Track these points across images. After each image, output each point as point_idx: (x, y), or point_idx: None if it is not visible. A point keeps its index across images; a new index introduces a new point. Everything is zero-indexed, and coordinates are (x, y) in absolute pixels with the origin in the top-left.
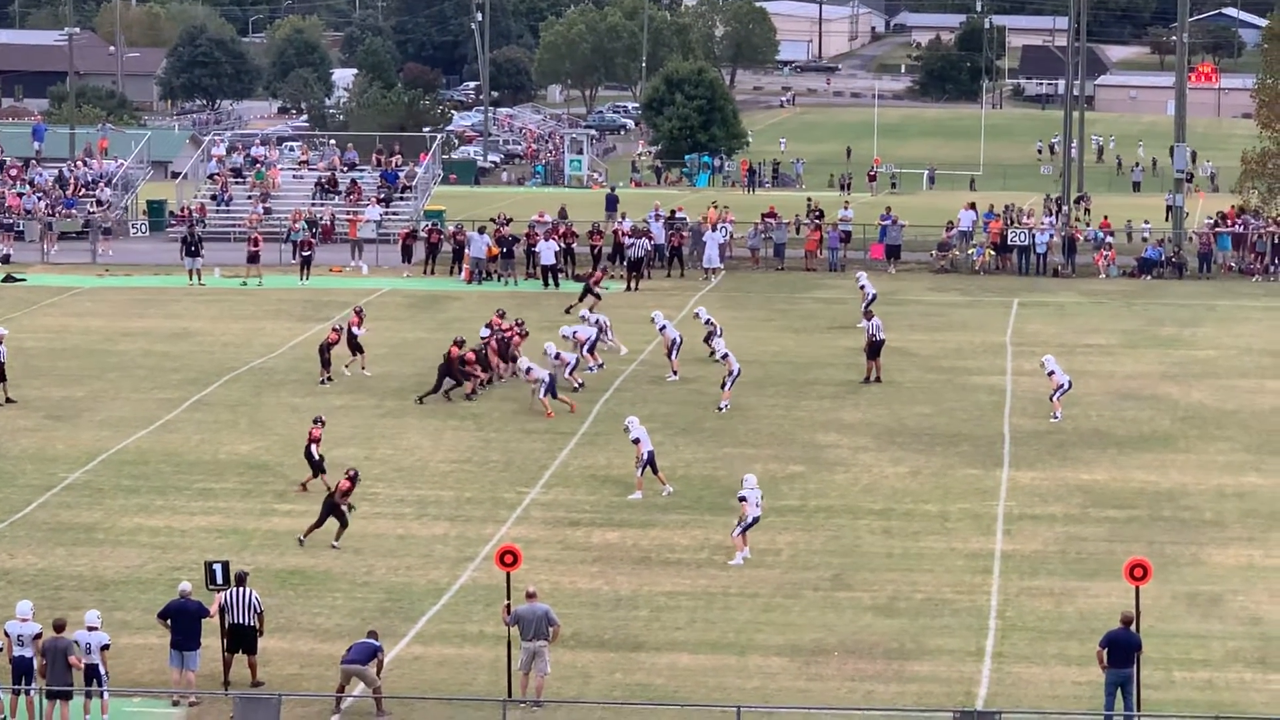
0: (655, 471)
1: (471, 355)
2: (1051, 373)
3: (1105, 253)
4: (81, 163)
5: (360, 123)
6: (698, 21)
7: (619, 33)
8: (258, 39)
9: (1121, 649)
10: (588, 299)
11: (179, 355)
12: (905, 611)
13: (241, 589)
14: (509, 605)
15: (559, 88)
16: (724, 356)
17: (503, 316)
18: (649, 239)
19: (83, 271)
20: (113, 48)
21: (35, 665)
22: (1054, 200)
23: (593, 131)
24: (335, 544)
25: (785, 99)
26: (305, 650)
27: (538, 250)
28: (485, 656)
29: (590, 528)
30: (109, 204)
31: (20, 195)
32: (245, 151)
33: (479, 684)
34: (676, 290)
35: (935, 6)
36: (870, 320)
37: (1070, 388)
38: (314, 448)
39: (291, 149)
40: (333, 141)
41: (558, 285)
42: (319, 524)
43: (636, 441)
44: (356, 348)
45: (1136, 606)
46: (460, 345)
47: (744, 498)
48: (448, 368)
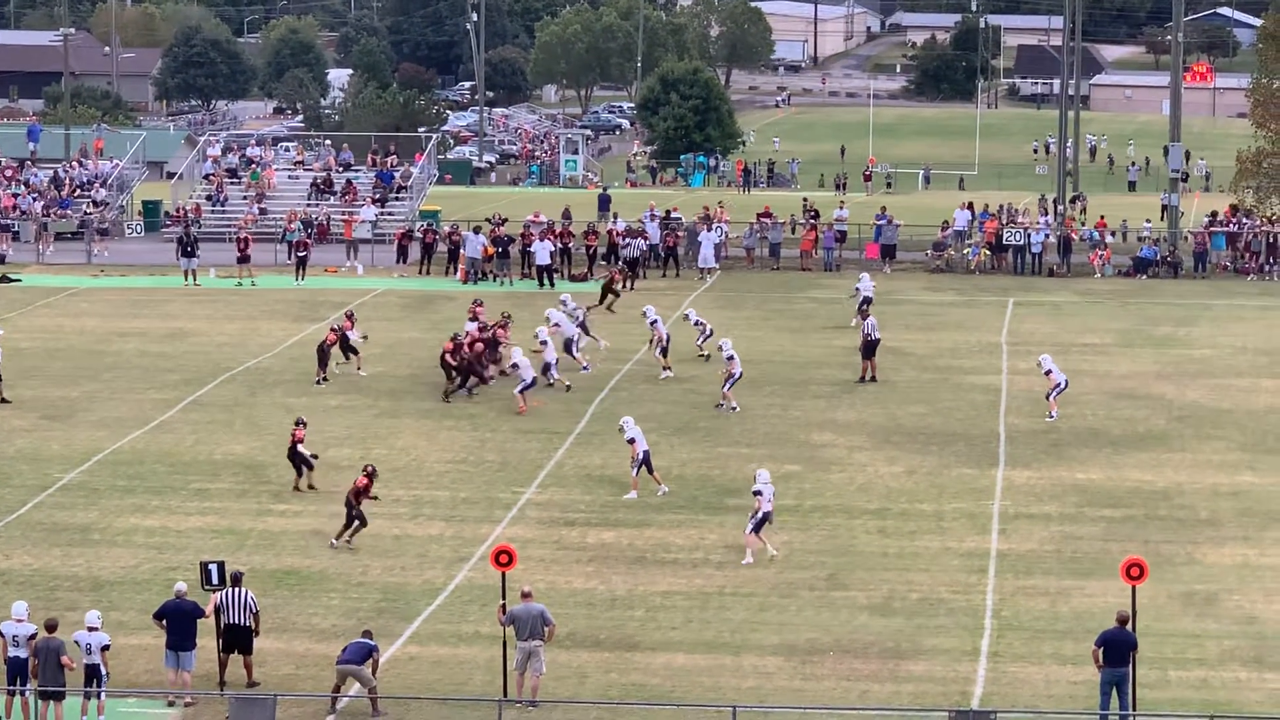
0: (650, 471)
1: (450, 345)
2: (1049, 371)
3: (1100, 252)
4: (77, 163)
5: (355, 123)
6: (693, 21)
7: (614, 33)
8: (253, 39)
9: (1117, 648)
10: (608, 298)
11: (174, 355)
12: (901, 611)
13: (237, 589)
14: (504, 605)
15: (554, 88)
16: (730, 358)
17: (481, 305)
18: (644, 239)
19: (78, 272)
20: (108, 48)
21: (30, 666)
22: (1049, 200)
23: (588, 131)
24: (334, 543)
25: (780, 99)
26: (301, 650)
27: (533, 250)
28: (481, 656)
29: (585, 528)
30: (104, 204)
31: (15, 196)
32: (240, 152)
33: (474, 684)
34: (672, 290)
35: (930, 6)
36: (865, 320)
37: (1066, 387)
38: (299, 448)
39: (287, 149)
40: (328, 142)
41: (553, 285)
42: (347, 525)
43: (632, 441)
44: (349, 349)
45: (1133, 606)
46: (456, 341)
47: (758, 492)
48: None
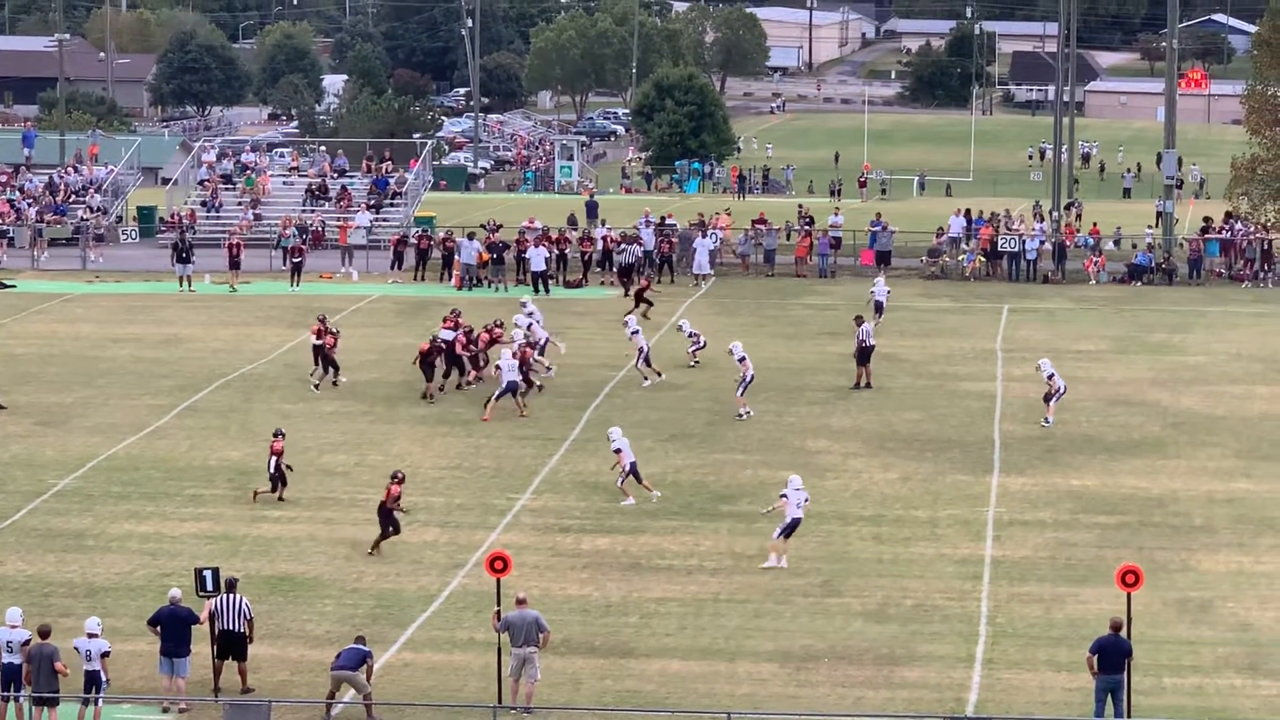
0: (639, 480)
1: (425, 346)
2: (1050, 375)
3: (1095, 259)
4: (72, 169)
5: (351, 129)
6: (688, 28)
7: (609, 39)
8: (248, 45)
9: (1112, 655)
10: (641, 306)
11: (169, 361)
12: (895, 618)
13: (232, 595)
14: (499, 611)
15: (549, 94)
16: (741, 360)
17: (458, 316)
18: (639, 245)
19: (73, 278)
20: (103, 54)
21: (23, 672)
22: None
23: (583, 138)
24: (371, 552)
25: (775, 105)
26: (295, 657)
27: (528, 256)
28: (475, 663)
29: (580, 534)
30: (100, 210)
31: (10, 201)
32: (235, 158)
33: (469, 690)
34: (667, 296)
35: (925, 12)
36: (861, 325)
37: (1065, 392)
38: (276, 460)
39: (282, 155)
40: (323, 148)
41: (548, 291)
42: (385, 534)
43: (618, 451)
44: (321, 357)
45: (1128, 612)
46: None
47: (784, 495)
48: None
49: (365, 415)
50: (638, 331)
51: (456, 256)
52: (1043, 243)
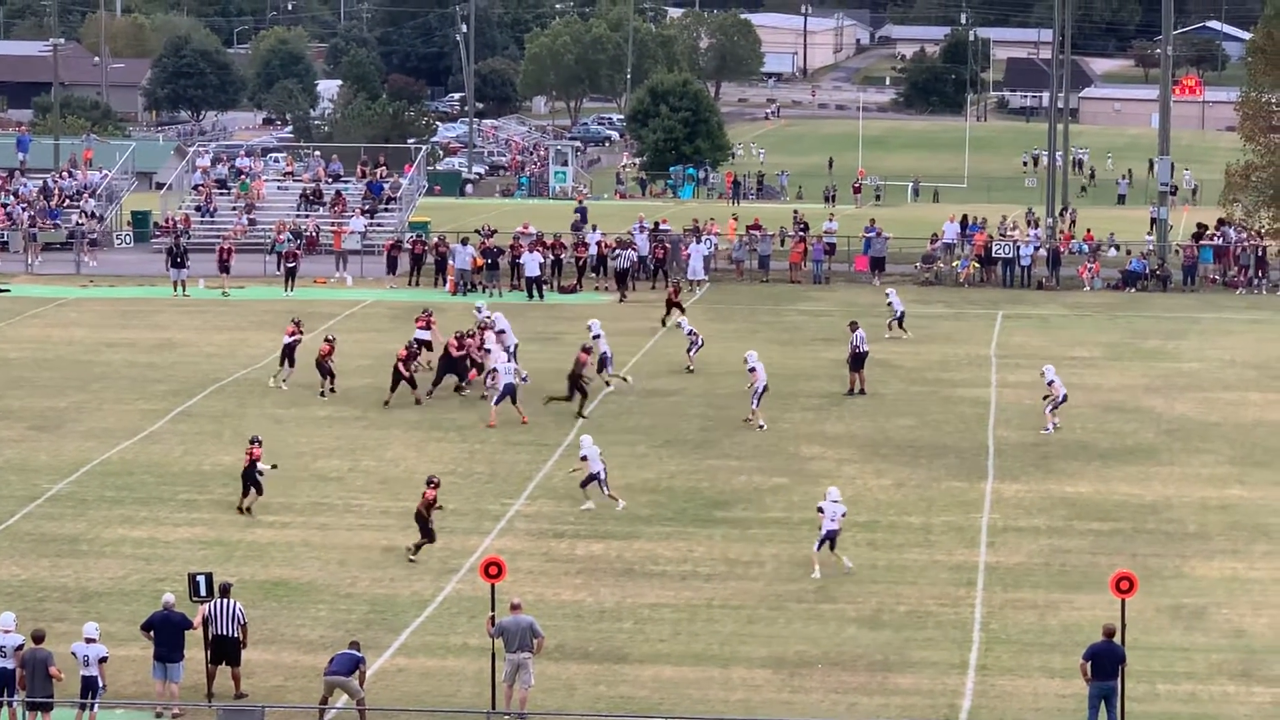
0: (604, 489)
1: (404, 352)
2: (1051, 382)
3: (1090, 265)
4: (66, 173)
5: (345, 134)
6: (683, 33)
7: (604, 45)
8: (242, 50)
9: (1105, 661)
10: (673, 312)
11: (163, 366)
12: (889, 624)
13: (225, 600)
14: (493, 617)
15: (544, 99)
16: (752, 370)
17: (430, 316)
18: (633, 250)
19: (67, 282)
20: (97, 58)
21: (16, 677)
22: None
23: (577, 143)
24: (411, 558)
25: (770, 111)
26: (289, 662)
27: (522, 262)
28: (469, 668)
29: (574, 539)
30: (94, 215)
31: (4, 206)
32: (230, 163)
33: (463, 696)
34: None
35: (920, 19)
36: (855, 331)
37: (1065, 400)
38: (254, 466)
39: (276, 160)
40: (317, 153)
41: (542, 297)
42: (425, 539)
43: (584, 459)
44: (290, 359)
45: (1122, 619)
46: (460, 339)
47: (820, 509)
48: (448, 362)
49: (359, 420)
50: (600, 336)
51: (451, 262)
52: (1037, 249)
